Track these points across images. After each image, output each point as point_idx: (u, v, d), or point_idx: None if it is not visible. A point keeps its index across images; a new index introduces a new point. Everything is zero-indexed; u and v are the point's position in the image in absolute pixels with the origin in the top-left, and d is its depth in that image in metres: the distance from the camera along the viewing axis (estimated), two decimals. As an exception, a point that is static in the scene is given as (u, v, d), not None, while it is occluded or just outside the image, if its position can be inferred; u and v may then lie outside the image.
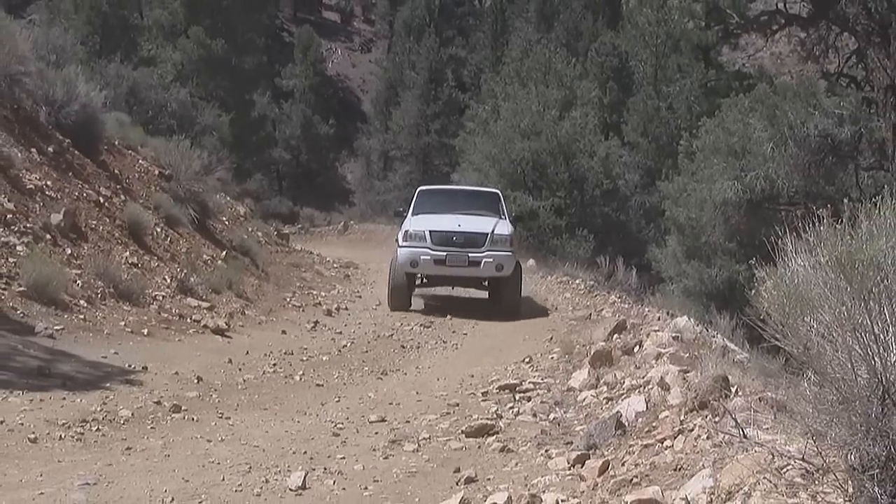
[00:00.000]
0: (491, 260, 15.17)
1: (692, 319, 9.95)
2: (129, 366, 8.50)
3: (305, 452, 5.96)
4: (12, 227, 10.90)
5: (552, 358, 10.27)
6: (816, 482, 3.39)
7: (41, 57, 16.48)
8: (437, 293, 17.32)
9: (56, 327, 9.20)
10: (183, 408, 7.08)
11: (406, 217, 16.41)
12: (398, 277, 15.49)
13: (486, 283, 16.28)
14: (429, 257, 15.23)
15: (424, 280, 16.22)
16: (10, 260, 10.16)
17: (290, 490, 5.03)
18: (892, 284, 3.19)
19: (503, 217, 16.50)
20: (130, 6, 39.76)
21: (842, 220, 3.39)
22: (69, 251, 11.54)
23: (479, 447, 6.35)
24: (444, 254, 15.20)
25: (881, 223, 3.30)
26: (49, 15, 32.35)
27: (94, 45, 32.53)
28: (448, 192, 19.14)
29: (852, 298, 3.21)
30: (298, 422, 7.04)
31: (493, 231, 15.40)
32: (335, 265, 21.73)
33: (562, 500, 4.62)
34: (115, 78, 25.40)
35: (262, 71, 47.84)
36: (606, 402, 7.15)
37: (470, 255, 15.18)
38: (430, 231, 15.40)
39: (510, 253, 15.45)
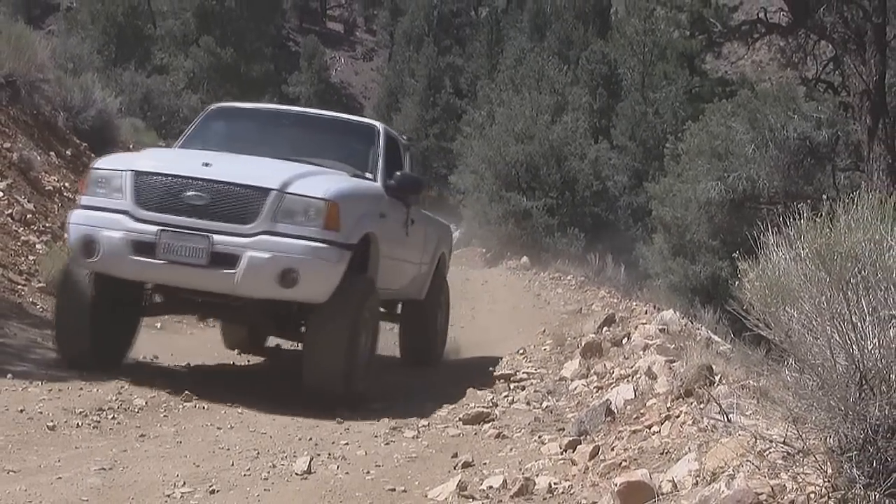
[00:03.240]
0: (266, 256, 6.62)
1: (678, 313, 9.96)
2: (143, 357, 8.48)
3: (311, 439, 5.93)
4: (32, 227, 10.90)
5: (545, 349, 10.26)
6: (797, 464, 3.38)
7: (60, 65, 16.51)
8: None
9: (74, 321, 9.19)
10: (194, 397, 7.06)
11: None
12: (66, 285, 7.34)
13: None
14: (121, 236, 6.72)
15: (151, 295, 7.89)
16: (31, 258, 10.17)
17: (297, 474, 5.01)
18: (869, 275, 3.19)
19: (372, 173, 8.20)
20: (144, 17, 39.84)
21: (821, 216, 3.39)
22: (86, 249, 11.53)
23: (475, 434, 6.34)
24: (156, 230, 6.70)
25: (859, 217, 3.30)
26: (67, 26, 32.37)
27: (109, 54, 32.53)
28: (265, 118, 9.39)
29: (831, 289, 3.21)
30: (304, 410, 7.02)
31: (284, 184, 6.81)
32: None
33: (554, 484, 4.61)
34: (130, 85, 25.44)
35: (270, 78, 47.91)
36: (596, 391, 7.14)
37: (216, 238, 6.67)
38: (136, 174, 6.88)
39: (326, 245, 6.77)
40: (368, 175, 8.13)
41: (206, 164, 6.94)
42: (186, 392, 6.99)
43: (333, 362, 6.90)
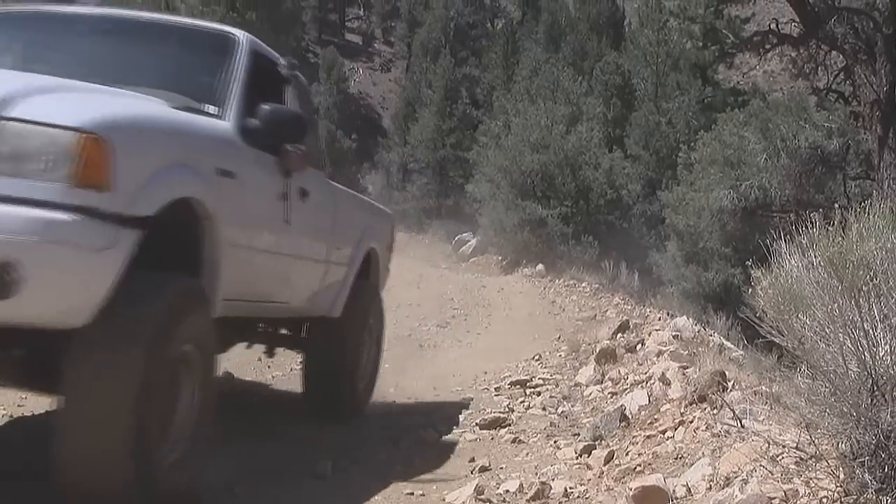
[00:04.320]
0: None
1: (691, 319, 9.96)
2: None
3: (331, 442, 5.94)
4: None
5: (560, 356, 10.26)
6: (810, 469, 3.37)
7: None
8: None
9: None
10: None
11: None
12: None
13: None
14: None
15: None
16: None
17: (317, 478, 5.02)
18: (881, 283, 3.18)
19: (219, 105, 4.77)
20: (167, 30, 39.99)
21: (833, 224, 3.39)
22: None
23: (492, 438, 6.33)
24: None
25: (870, 226, 3.29)
26: (92, 38, 32.44)
27: (133, 66, 32.69)
28: (57, 25, 5.40)
29: (843, 296, 3.20)
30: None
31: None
32: (357, 270, 21.62)
33: (570, 488, 4.60)
34: (154, 96, 25.52)
35: (290, 89, 47.95)
36: (611, 397, 7.14)
37: None
38: None
39: (79, 216, 3.28)
40: (211, 108, 4.77)
41: None
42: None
43: (108, 443, 3.48)
